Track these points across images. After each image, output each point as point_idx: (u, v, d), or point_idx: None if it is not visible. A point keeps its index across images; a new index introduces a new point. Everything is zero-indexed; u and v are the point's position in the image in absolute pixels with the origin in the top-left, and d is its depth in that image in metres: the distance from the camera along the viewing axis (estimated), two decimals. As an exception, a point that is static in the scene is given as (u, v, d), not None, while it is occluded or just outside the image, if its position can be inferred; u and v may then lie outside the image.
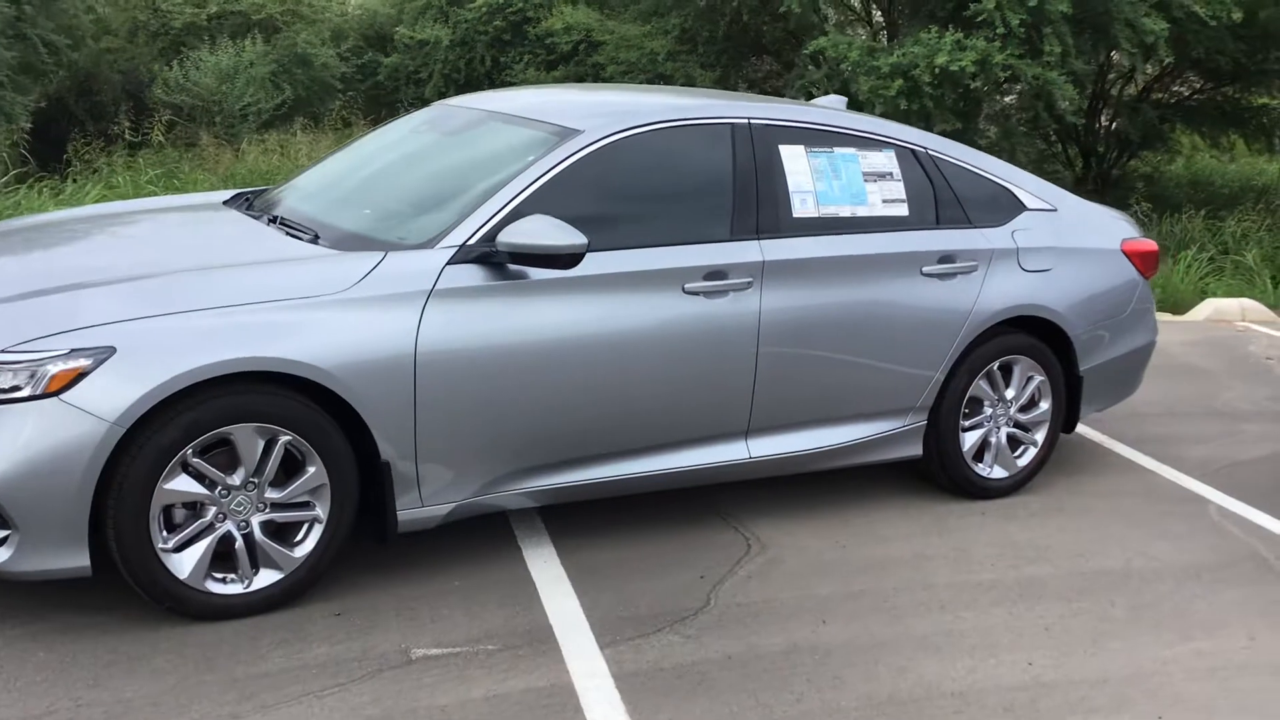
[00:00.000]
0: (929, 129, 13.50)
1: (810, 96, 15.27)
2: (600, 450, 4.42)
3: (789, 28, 15.64)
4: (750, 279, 4.56)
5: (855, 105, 15.42)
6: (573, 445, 4.35)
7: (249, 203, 5.02)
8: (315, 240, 4.28)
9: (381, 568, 4.34)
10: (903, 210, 5.03)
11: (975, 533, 4.98)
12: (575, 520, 4.82)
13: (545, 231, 4.04)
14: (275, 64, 17.94)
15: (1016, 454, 5.42)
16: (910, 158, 5.09)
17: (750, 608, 4.20)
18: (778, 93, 16.33)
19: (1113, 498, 5.48)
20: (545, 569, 4.39)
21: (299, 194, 4.90)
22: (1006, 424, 5.35)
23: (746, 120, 4.76)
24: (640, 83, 17.21)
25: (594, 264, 4.29)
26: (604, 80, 17.77)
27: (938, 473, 5.29)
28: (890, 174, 5.02)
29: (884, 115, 14.54)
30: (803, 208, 4.79)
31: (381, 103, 19.18)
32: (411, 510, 4.08)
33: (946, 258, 5.04)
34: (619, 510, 4.90)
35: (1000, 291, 5.15)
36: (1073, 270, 5.39)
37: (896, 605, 4.29)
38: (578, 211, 4.29)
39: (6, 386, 3.57)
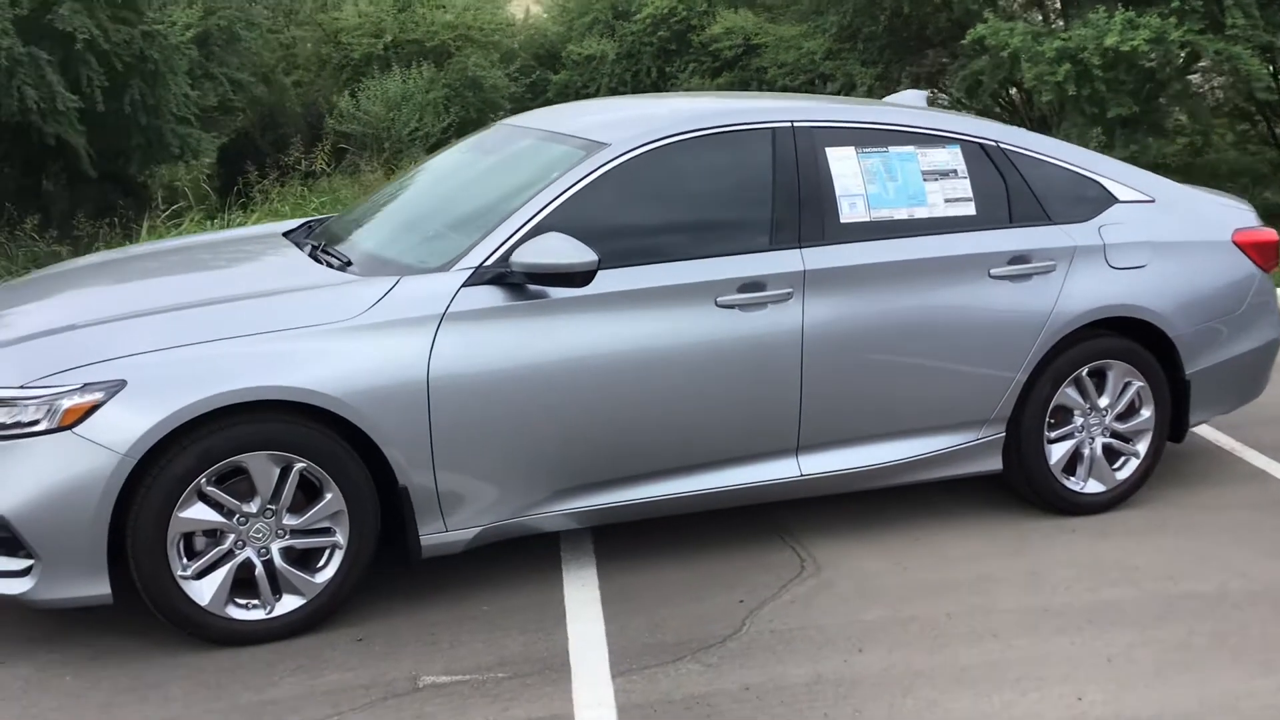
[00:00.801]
0: (1102, 116, 12.85)
1: (975, 88, 14.75)
2: (640, 470, 4.29)
3: (953, 17, 15.12)
4: (790, 289, 4.35)
5: (1022, 94, 14.82)
6: (609, 466, 4.23)
7: (311, 231, 5.06)
8: (345, 267, 4.27)
9: (412, 592, 4.31)
10: (969, 209, 4.72)
11: (1058, 552, 4.63)
12: (626, 540, 4.70)
13: (556, 250, 3.94)
14: (447, 88, 18.34)
15: (1115, 466, 5.03)
16: (979, 153, 4.78)
17: (785, 634, 3.99)
18: (942, 86, 15.80)
19: (1229, 511, 5.03)
20: (581, 592, 4.28)
21: (350, 221, 4.91)
22: (1102, 434, 4.96)
23: (790, 123, 4.55)
24: (801, 84, 16.94)
25: (620, 280, 4.17)
26: (766, 85, 17.57)
27: (1023, 488, 4.96)
28: (954, 171, 4.72)
29: (1052, 103, 13.95)
30: (852, 212, 4.54)
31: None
32: (435, 535, 4.03)
33: (1019, 258, 4.71)
34: (675, 529, 4.75)
35: (1085, 291, 4.79)
36: (1173, 265, 4.97)
37: (945, 632, 4.02)
38: (604, 226, 4.21)
39: (26, 421, 3.66)
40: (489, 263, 4.03)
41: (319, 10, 19.33)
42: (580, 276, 3.98)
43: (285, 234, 4.97)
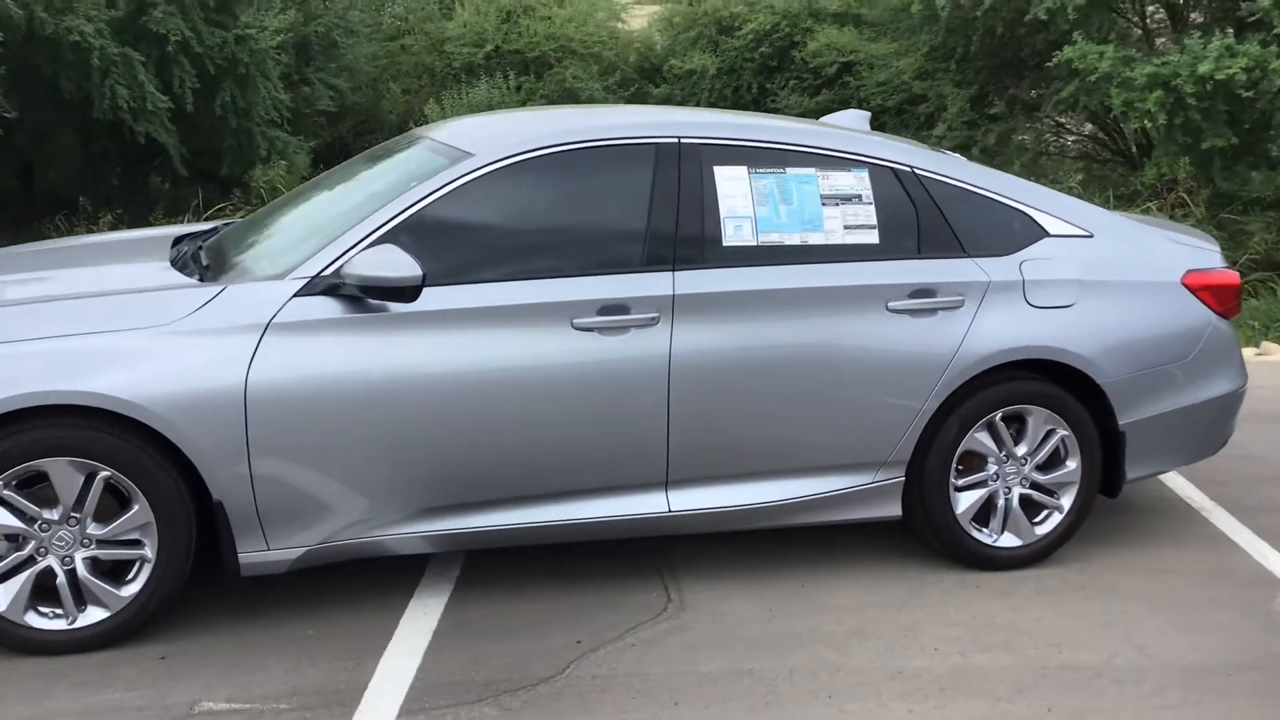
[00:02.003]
0: (1195, 146, 12.21)
1: (1070, 110, 14.15)
2: (495, 496, 4.11)
3: (1050, 38, 14.57)
4: (656, 314, 4.12)
5: (1112, 120, 14.17)
6: (458, 490, 4.06)
7: (209, 235, 4.99)
8: (202, 275, 4.18)
9: (246, 609, 4.21)
10: (870, 238, 4.43)
11: (947, 610, 4.30)
12: (495, 567, 4.55)
13: (383, 262, 3.79)
14: (544, 99, 18.38)
15: (1036, 520, 4.66)
16: (889, 179, 4.48)
17: (605, 681, 3.76)
18: (1034, 108, 15.24)
19: (1163, 577, 4.62)
20: (417, 622, 4.11)
21: (240, 227, 4.83)
22: (1020, 484, 4.60)
23: (676, 139, 4.32)
24: (894, 104, 16.50)
25: (469, 297, 4.02)
26: (862, 104, 17.17)
27: (929, 538, 4.63)
28: (858, 197, 4.43)
29: (1141, 130, 13.30)
30: (736, 235, 4.29)
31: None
32: (256, 554, 3.91)
33: (922, 291, 4.39)
34: (554, 558, 4.58)
35: (997, 330, 4.44)
36: (1105, 306, 4.59)
37: (778, 690, 3.74)
38: (461, 240, 4.04)
39: None
40: (326, 273, 3.89)
41: (427, 20, 19.55)
42: (406, 291, 3.81)
43: (180, 237, 4.90)
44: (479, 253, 4.08)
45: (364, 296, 3.87)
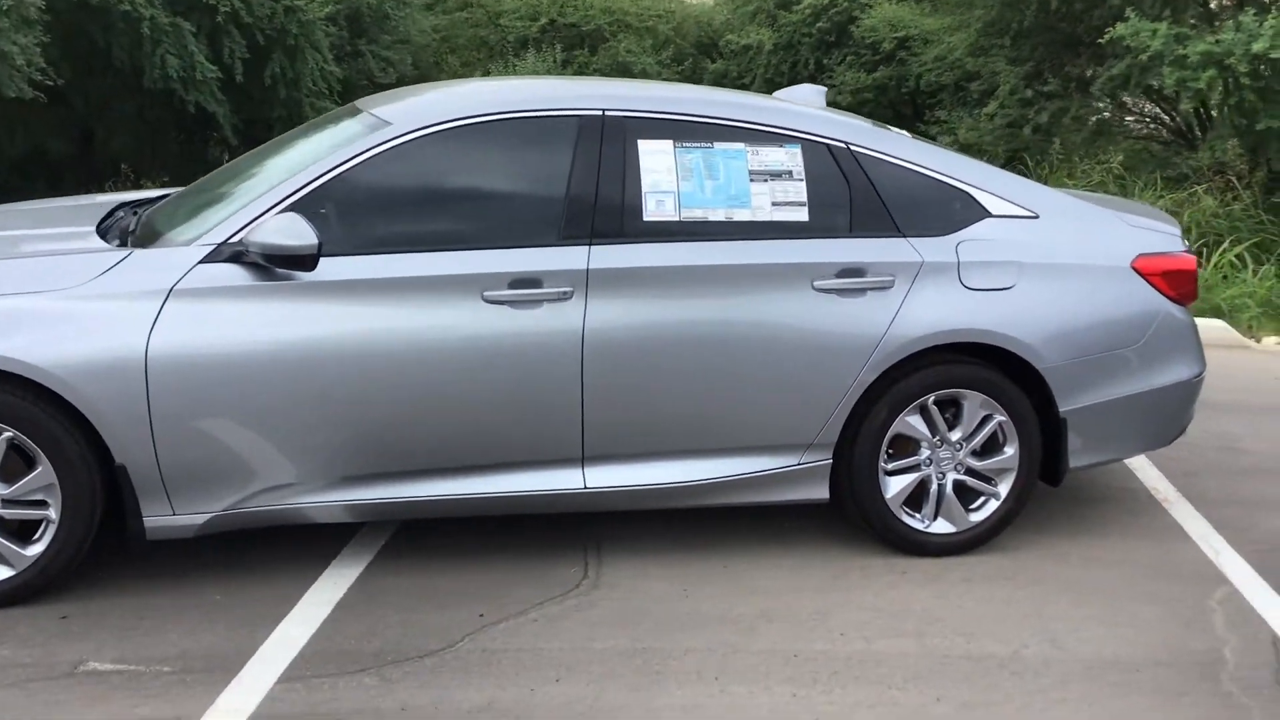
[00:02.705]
0: (1250, 129, 11.86)
1: (1122, 89, 13.81)
2: (410, 467, 4.12)
3: (1107, 13, 14.18)
4: (570, 288, 4.10)
5: (1165, 100, 13.78)
6: (372, 460, 4.08)
7: (153, 203, 5.02)
8: (124, 241, 4.23)
9: (157, 573, 4.26)
10: (800, 215, 4.36)
11: (866, 595, 4.24)
12: (422, 538, 4.58)
13: (282, 230, 3.81)
14: (597, 73, 18.32)
15: (972, 506, 4.56)
16: (823, 155, 4.40)
17: (494, 655, 3.77)
18: (1090, 86, 14.86)
19: (1101, 567, 4.51)
20: (325, 591, 4.15)
21: (178, 197, 4.86)
22: (955, 470, 4.51)
23: (600, 112, 4.28)
24: (950, 80, 16.22)
25: (379, 267, 4.02)
26: (918, 82, 16.91)
27: (859, 522, 4.56)
28: (789, 173, 4.36)
29: (1198, 111, 12.90)
30: (658, 210, 4.24)
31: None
32: (161, 518, 3.96)
33: (850, 270, 4.31)
34: (485, 530, 4.61)
35: (928, 312, 4.35)
36: (1047, 290, 4.48)
37: (665, 670, 3.71)
38: (374, 209, 4.08)
39: None
40: (232, 240, 3.92)
41: (485, -8, 19.59)
42: (305, 260, 3.82)
43: (126, 204, 4.96)
44: (391, 223, 4.09)
45: (267, 265, 3.87)
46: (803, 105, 4.81)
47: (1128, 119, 15.83)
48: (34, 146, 15.48)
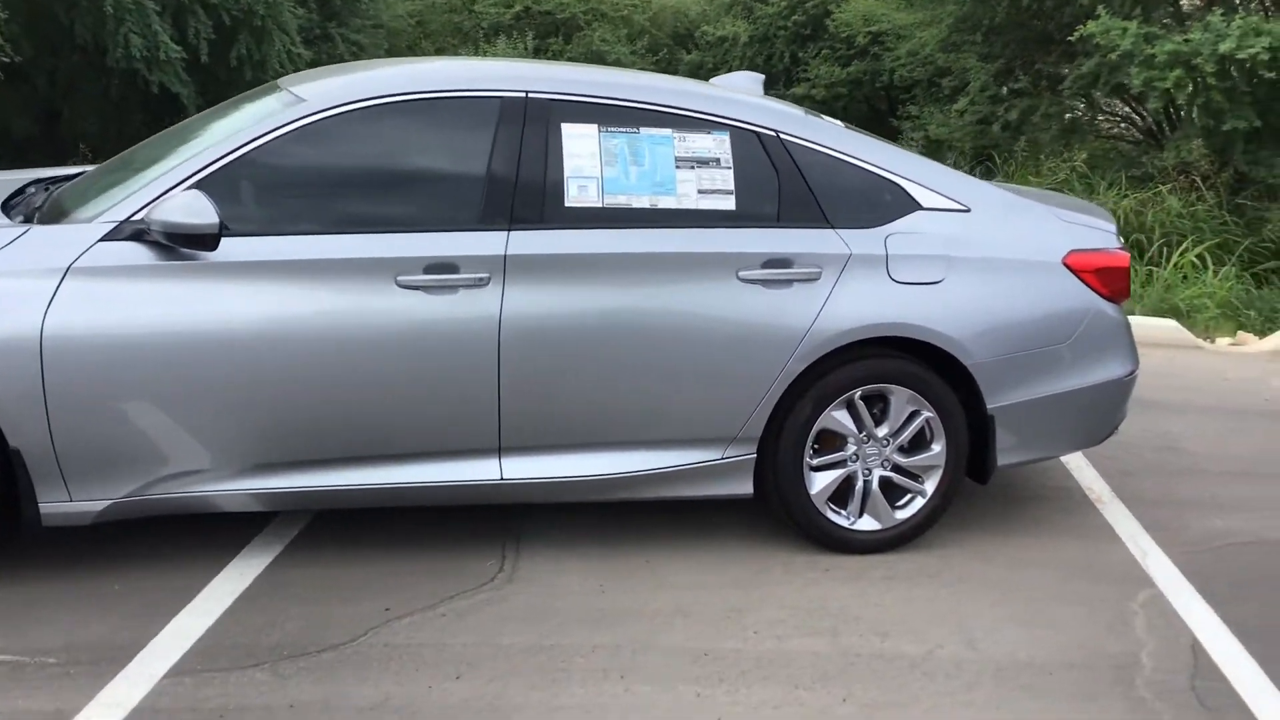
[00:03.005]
0: (1216, 129, 11.84)
1: (1091, 87, 13.78)
2: (323, 455, 4.02)
3: (1078, 11, 14.13)
4: (487, 274, 4.00)
5: (1135, 99, 13.73)
6: (282, 448, 3.97)
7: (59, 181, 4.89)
8: (30, 219, 4.11)
9: (64, 560, 4.18)
10: (727, 204, 4.27)
11: (785, 592, 4.16)
12: (339, 528, 4.49)
13: (183, 208, 3.70)
14: (571, 61, 18.21)
15: (899, 503, 4.48)
16: (752, 143, 4.31)
17: (396, 650, 3.67)
18: (1058, 84, 14.84)
19: (1026, 568, 4.44)
20: (229, 582, 4.05)
21: (93, 174, 4.74)
22: (882, 466, 4.42)
23: (524, 94, 4.18)
24: (923, 76, 16.16)
25: (290, 248, 3.91)
26: (891, 76, 16.85)
27: (785, 519, 4.47)
28: (716, 160, 4.27)
29: (1160, 110, 12.87)
30: (580, 195, 4.15)
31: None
32: (57, 504, 3.85)
33: (776, 261, 4.22)
34: (410, 520, 4.54)
35: (855, 305, 4.27)
36: (977, 285, 4.40)
37: (569, 668, 3.63)
38: (285, 188, 3.98)
39: None
40: (135, 218, 3.81)
41: (457, -23, 19.45)
42: (206, 239, 3.72)
43: (37, 180, 4.83)
44: (303, 203, 3.99)
45: (169, 244, 3.76)
46: (736, 92, 4.71)
47: (1099, 118, 15.80)
48: (-1, 124, 15.28)
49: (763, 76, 5.27)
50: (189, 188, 3.85)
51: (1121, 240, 4.70)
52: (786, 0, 18.91)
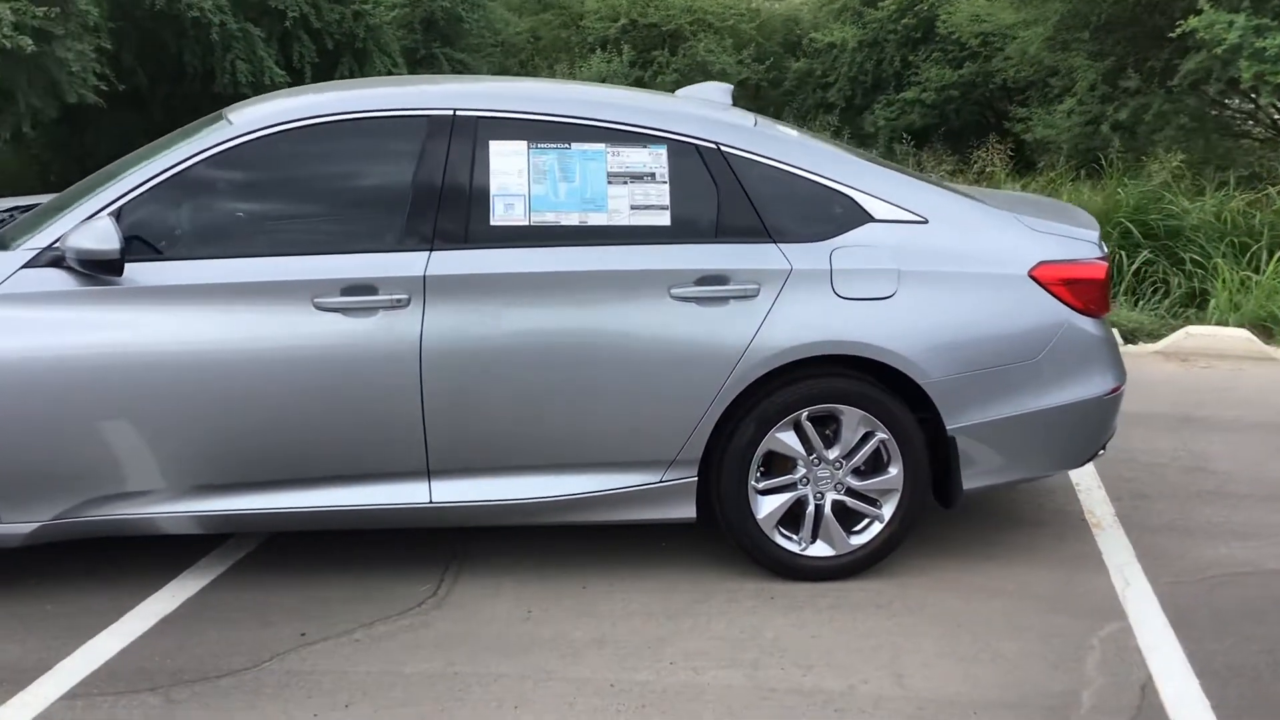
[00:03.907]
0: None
1: (1203, 84, 13.20)
2: (251, 479, 4.03)
3: (1186, 6, 13.51)
4: (407, 295, 3.96)
5: (1244, 95, 13.08)
6: (207, 471, 4.00)
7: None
8: None
9: (11, 579, 4.25)
10: (661, 219, 4.15)
11: (716, 622, 4.02)
12: (285, 549, 4.51)
13: (89, 234, 3.75)
14: (676, 73, 18.18)
15: (855, 529, 4.30)
16: (692, 156, 4.18)
17: (293, 677, 3.67)
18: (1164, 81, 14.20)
19: (990, 597, 4.21)
20: (160, 602, 4.10)
21: (49, 202, 4.81)
22: (835, 490, 4.25)
23: (451, 112, 4.13)
24: (1033, 76, 15.67)
25: (210, 271, 3.94)
26: (1003, 78, 16.38)
27: (733, 544, 4.32)
28: (651, 175, 4.15)
29: (1274, 104, 12.21)
30: (507, 214, 4.08)
31: (791, 108, 18.85)
32: (-13, 525, 3.91)
33: (711, 278, 4.09)
34: (360, 541, 4.52)
35: (797, 322, 4.11)
36: (934, 299, 4.19)
37: (464, 698, 3.57)
38: (206, 212, 4.01)
39: None
40: (55, 244, 3.87)
41: (571, -7, 19.60)
42: (111, 264, 3.75)
43: (13, 208, 4.95)
44: (224, 227, 4.01)
45: (82, 270, 3.81)
46: (685, 103, 4.58)
47: (1222, 113, 15.07)
48: (115, 150, 15.90)
49: (730, 87, 5.11)
50: (110, 214, 3.87)
51: (1103, 250, 4.41)
52: (897, 3, 18.53)
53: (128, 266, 3.89)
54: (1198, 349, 7.43)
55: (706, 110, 4.47)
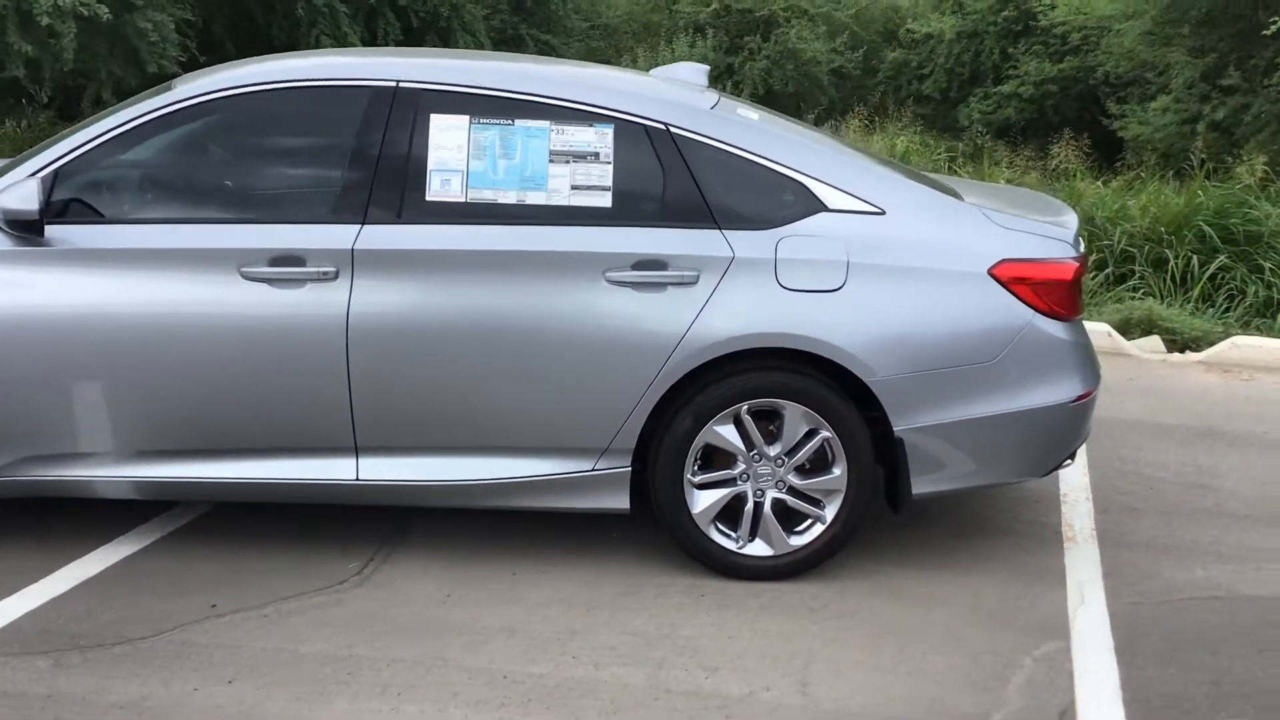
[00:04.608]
0: None
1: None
2: (181, 446, 4.02)
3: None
4: (334, 269, 3.91)
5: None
6: (139, 436, 4.00)
7: None
8: None
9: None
10: (602, 200, 4.03)
11: (635, 616, 3.91)
12: (227, 518, 4.49)
13: (15, 196, 3.77)
14: (767, 59, 17.98)
15: (798, 529, 4.14)
16: (640, 137, 4.06)
17: (186, 649, 3.64)
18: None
19: (933, 607, 4.04)
20: (86, 566, 4.11)
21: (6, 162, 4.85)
22: (776, 488, 4.10)
23: (394, 83, 4.06)
24: (1128, 71, 15.17)
25: (135, 236, 3.93)
26: (1104, 73, 15.87)
27: (671, 538, 4.20)
28: (596, 155, 4.04)
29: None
30: (443, 190, 4.00)
31: (876, 98, 18.50)
32: (-86, 483, 3.96)
33: (649, 263, 3.96)
34: (306, 509, 4.44)
35: (736, 312, 3.96)
36: (884, 294, 4.01)
37: (351, 681, 3.51)
38: (138, 178, 4.01)
39: None
40: None
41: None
42: (33, 225, 3.76)
43: None
44: (157, 191, 4.00)
45: (9, 230, 3.82)
46: (641, 82, 4.45)
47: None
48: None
49: (706, 68, 4.94)
50: (45, 175, 3.88)
51: (1078, 249, 4.17)
52: (997, -6, 18.07)
53: (64, 229, 3.89)
54: (1242, 360, 7.06)
55: (662, 90, 4.34)
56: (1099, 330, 7.35)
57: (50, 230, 3.88)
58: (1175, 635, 3.88)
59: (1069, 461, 4.31)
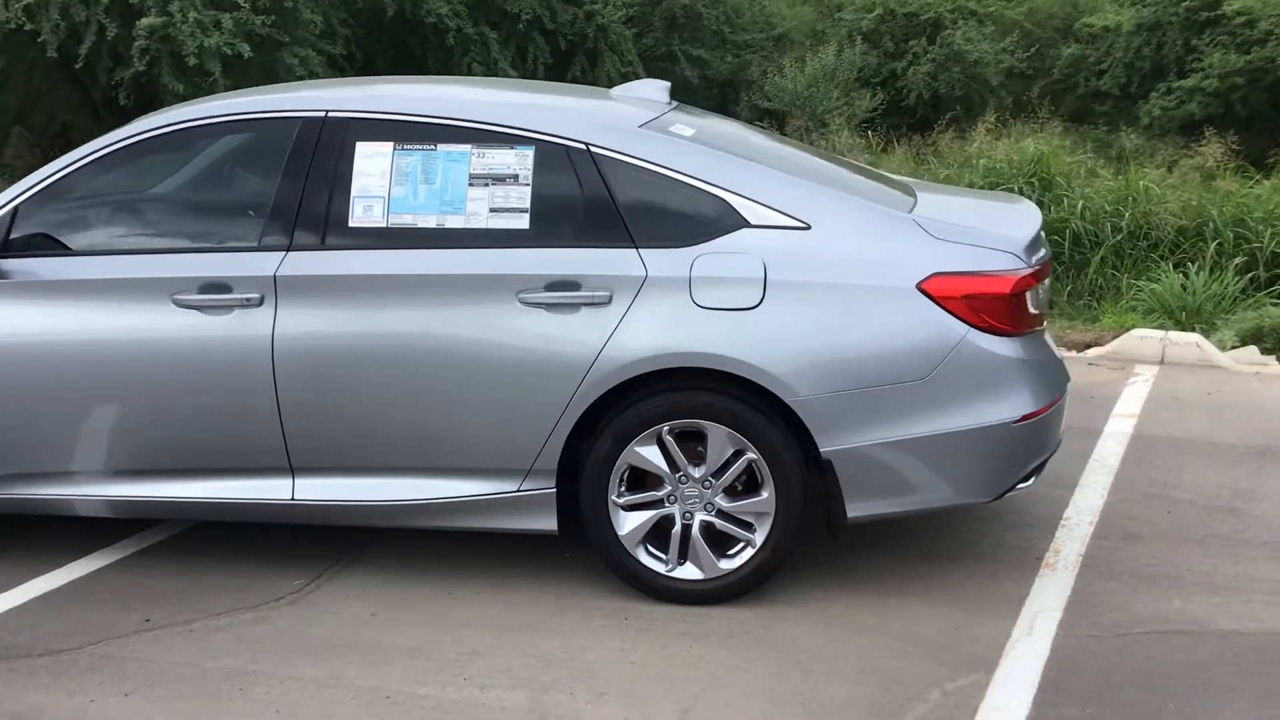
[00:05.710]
0: None
1: None
2: (129, 467, 4.22)
3: None
4: (258, 295, 4.05)
5: None
6: (84, 458, 4.21)
7: None
8: None
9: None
10: (519, 222, 4.04)
11: (545, 639, 3.90)
12: (206, 536, 4.65)
13: None
14: (932, 62, 17.61)
15: (729, 552, 4.07)
16: (559, 157, 4.06)
17: (106, 662, 3.80)
18: None
19: (858, 637, 3.90)
20: (50, 579, 4.33)
21: None
22: (705, 510, 4.04)
23: (323, 114, 4.19)
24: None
25: (77, 268, 4.17)
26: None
27: (602, 560, 4.19)
28: (514, 177, 4.06)
29: None
30: (365, 216, 4.09)
31: (1057, 98, 17.82)
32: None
33: (562, 284, 3.96)
34: (273, 527, 4.55)
35: (650, 332, 3.92)
36: (805, 312, 3.90)
37: (242, 697, 3.61)
38: (88, 210, 4.25)
39: None
40: None
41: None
42: None
43: None
44: (102, 225, 4.21)
45: None
46: (568, 102, 4.44)
47: None
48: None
49: (666, 84, 4.85)
50: (7, 212, 4.14)
51: (1028, 260, 3.95)
52: (1181, -17, 17.17)
53: (19, 262, 4.12)
54: (1340, 373, 6.51)
55: (587, 110, 4.31)
56: (1187, 341, 6.89)
57: (6, 264, 4.10)
58: (1115, 672, 3.62)
59: (1026, 484, 4.06)
